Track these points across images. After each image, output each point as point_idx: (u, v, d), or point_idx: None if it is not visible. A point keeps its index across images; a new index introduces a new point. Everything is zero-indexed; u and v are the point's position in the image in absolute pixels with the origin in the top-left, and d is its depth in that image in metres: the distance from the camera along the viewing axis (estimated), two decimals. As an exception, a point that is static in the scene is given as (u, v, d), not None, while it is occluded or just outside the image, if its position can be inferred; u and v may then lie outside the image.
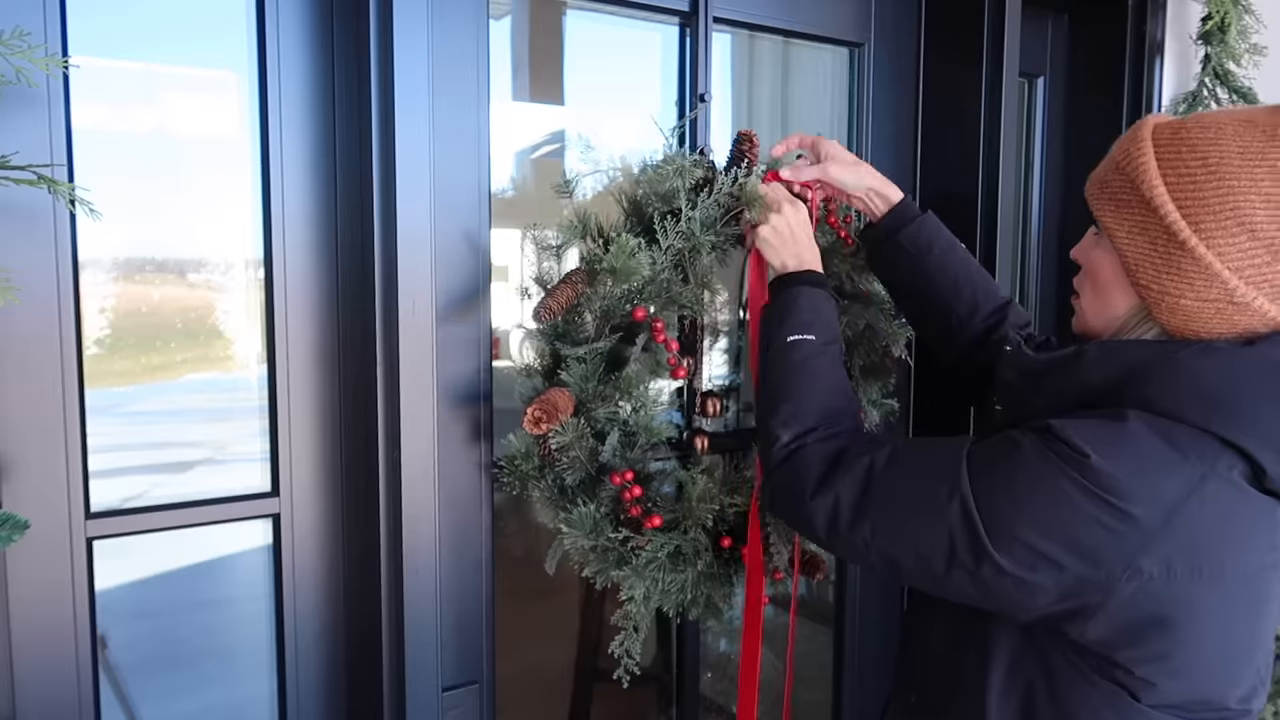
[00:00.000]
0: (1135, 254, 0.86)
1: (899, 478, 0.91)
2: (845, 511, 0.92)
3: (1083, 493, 0.79)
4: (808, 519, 0.96)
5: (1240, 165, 0.80)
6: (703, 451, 1.38)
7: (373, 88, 1.15)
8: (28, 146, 1.05)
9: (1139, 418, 0.80)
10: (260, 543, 1.31)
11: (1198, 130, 0.84)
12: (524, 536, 1.59)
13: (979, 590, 0.85)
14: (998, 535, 0.81)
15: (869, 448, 0.95)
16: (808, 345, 1.08)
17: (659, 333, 1.26)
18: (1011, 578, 0.81)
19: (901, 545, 0.89)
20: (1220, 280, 0.81)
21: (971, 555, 0.83)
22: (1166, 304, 0.85)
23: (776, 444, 1.03)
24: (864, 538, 0.91)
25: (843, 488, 0.93)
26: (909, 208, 1.26)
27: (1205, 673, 0.84)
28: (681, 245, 1.21)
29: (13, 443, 1.08)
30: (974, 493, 0.83)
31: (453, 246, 1.27)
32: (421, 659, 1.23)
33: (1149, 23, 1.86)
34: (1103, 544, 0.78)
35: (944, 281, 1.25)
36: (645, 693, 1.80)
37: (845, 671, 1.79)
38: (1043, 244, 2.00)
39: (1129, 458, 0.79)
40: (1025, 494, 0.81)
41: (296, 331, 1.26)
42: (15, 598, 1.10)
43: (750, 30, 1.59)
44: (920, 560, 0.87)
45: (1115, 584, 0.79)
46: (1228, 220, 0.80)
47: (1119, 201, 0.88)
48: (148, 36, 1.18)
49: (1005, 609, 0.86)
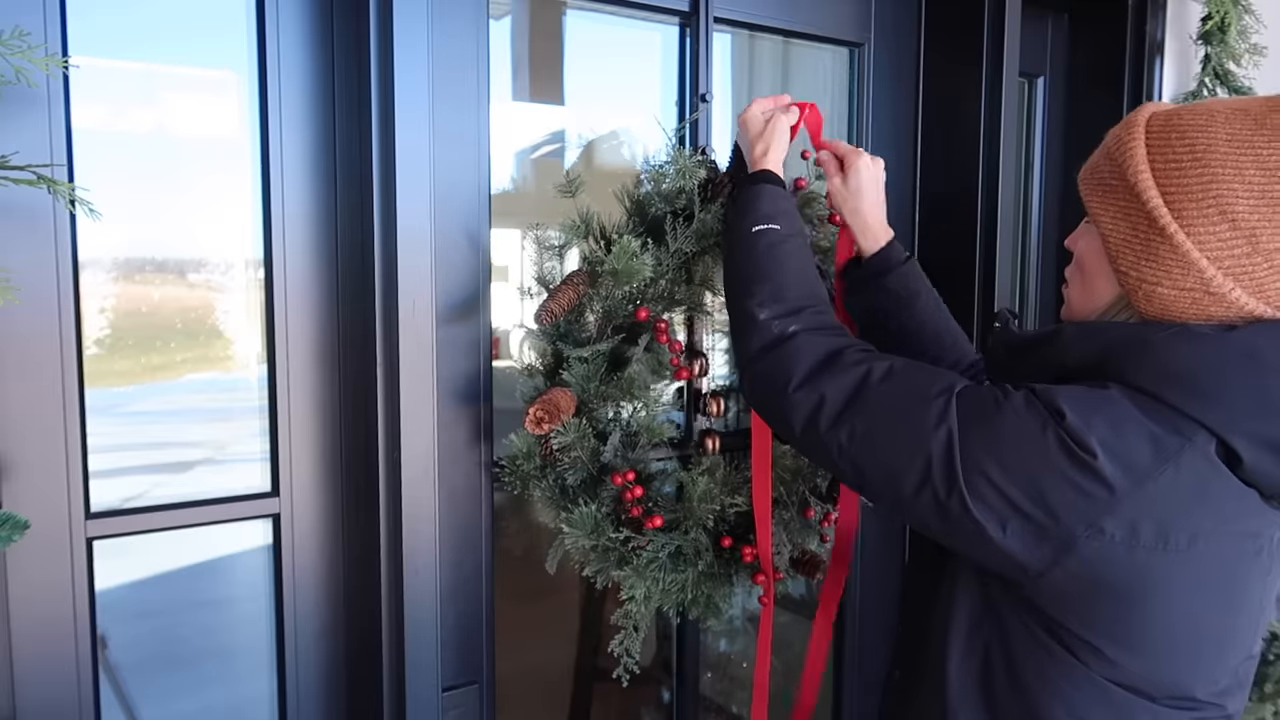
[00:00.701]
0: (1117, 240, 0.86)
1: (890, 394, 0.90)
2: (828, 412, 0.91)
3: (1058, 446, 0.78)
4: (785, 410, 0.95)
5: (1226, 152, 0.79)
6: (714, 451, 1.38)
7: (373, 88, 1.15)
8: (28, 146, 1.05)
9: (1120, 389, 0.81)
10: (260, 543, 1.31)
11: (1190, 117, 0.83)
12: (524, 536, 1.59)
13: (941, 520, 0.85)
14: (970, 473, 0.82)
15: (866, 357, 0.95)
16: (773, 233, 1.07)
17: (662, 333, 1.26)
18: (973, 516, 0.81)
19: (877, 457, 0.88)
20: (1197, 269, 0.80)
21: (944, 485, 0.83)
22: (1144, 291, 0.84)
23: (757, 321, 1.01)
24: (839, 441, 0.90)
25: (830, 387, 0.92)
26: (900, 250, 1.23)
27: (1167, 655, 0.84)
28: (691, 249, 1.22)
29: (13, 443, 1.08)
30: (959, 427, 0.84)
31: (453, 246, 1.27)
32: (421, 659, 1.23)
33: (1149, 23, 1.86)
34: (1068, 500, 0.78)
35: (926, 333, 1.22)
36: (645, 692, 1.80)
37: (845, 671, 1.79)
38: (1043, 244, 2.00)
39: (1106, 421, 0.78)
40: (1004, 439, 0.81)
41: (296, 331, 1.26)
42: (15, 598, 1.10)
43: (750, 30, 1.59)
44: (890, 477, 0.87)
45: (1075, 541, 0.78)
46: (1209, 208, 0.79)
47: (1107, 187, 0.88)
48: (148, 36, 1.18)
49: (964, 547, 0.86)
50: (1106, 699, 0.85)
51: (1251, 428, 0.77)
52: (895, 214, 1.70)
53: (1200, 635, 0.84)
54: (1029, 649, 0.87)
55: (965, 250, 1.62)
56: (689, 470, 1.31)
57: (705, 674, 1.76)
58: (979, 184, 1.60)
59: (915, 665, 1.01)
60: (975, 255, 1.61)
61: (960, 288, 1.52)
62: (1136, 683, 0.85)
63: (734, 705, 1.93)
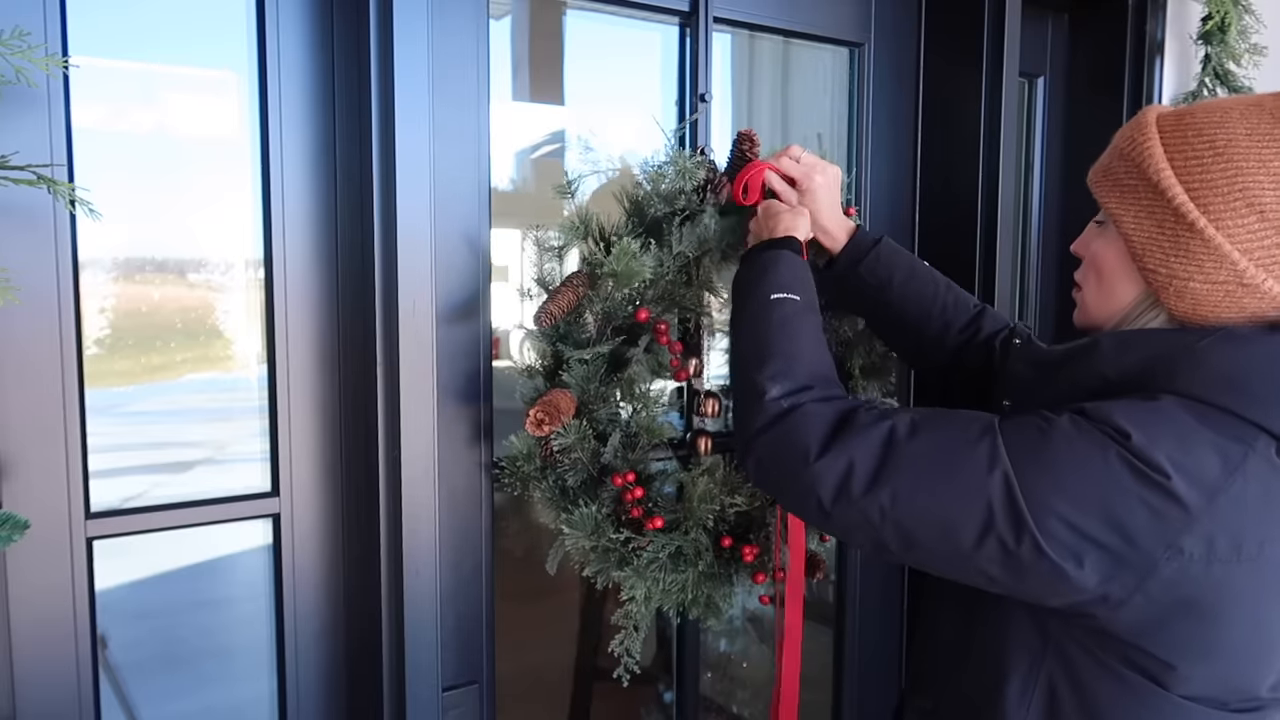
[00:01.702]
0: (1142, 238, 0.85)
1: (928, 446, 0.84)
2: (860, 476, 0.83)
3: (1128, 470, 0.76)
4: (809, 483, 0.86)
5: (1248, 146, 0.80)
6: (706, 452, 1.38)
7: (373, 88, 1.15)
8: (28, 146, 1.05)
9: (1172, 399, 0.78)
10: (260, 543, 1.31)
11: (1203, 115, 0.83)
12: (524, 536, 1.59)
13: (1008, 570, 0.79)
14: (1038, 511, 0.77)
15: (884, 414, 0.88)
16: (790, 304, 1.02)
17: (662, 335, 1.26)
18: (1049, 558, 0.77)
19: (926, 515, 0.81)
20: (1230, 261, 0.80)
21: (1012, 531, 0.77)
22: (1175, 288, 0.83)
23: (765, 398, 0.93)
24: (881, 505, 0.82)
25: (858, 450, 0.85)
26: (864, 239, 1.24)
27: (1236, 659, 0.82)
28: (693, 252, 1.22)
29: (13, 442, 1.08)
30: (1013, 466, 0.79)
31: (453, 246, 1.27)
32: (421, 659, 1.23)
33: (1149, 23, 1.86)
34: (1145, 524, 0.75)
35: (910, 309, 1.22)
36: (645, 692, 1.80)
37: (845, 671, 1.79)
38: (1043, 244, 2.00)
39: (1171, 437, 0.76)
40: (1066, 471, 0.77)
41: (296, 331, 1.26)
42: (15, 598, 1.10)
43: (750, 30, 1.59)
44: (946, 533, 0.81)
45: (1156, 565, 0.76)
46: (1236, 201, 0.79)
47: (1124, 187, 0.87)
48: (148, 36, 1.18)
49: (1031, 592, 0.81)
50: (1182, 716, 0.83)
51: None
52: (895, 214, 1.72)
53: (1266, 636, 0.83)
54: (1099, 678, 0.84)
55: (965, 250, 1.62)
56: (689, 471, 1.31)
57: (705, 674, 1.76)
58: (979, 184, 1.60)
59: (956, 698, 0.97)
60: (975, 255, 1.61)
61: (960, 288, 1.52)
62: (1211, 693, 0.83)
63: (734, 705, 1.93)
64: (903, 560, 0.89)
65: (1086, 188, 0.95)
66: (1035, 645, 0.87)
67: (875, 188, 1.69)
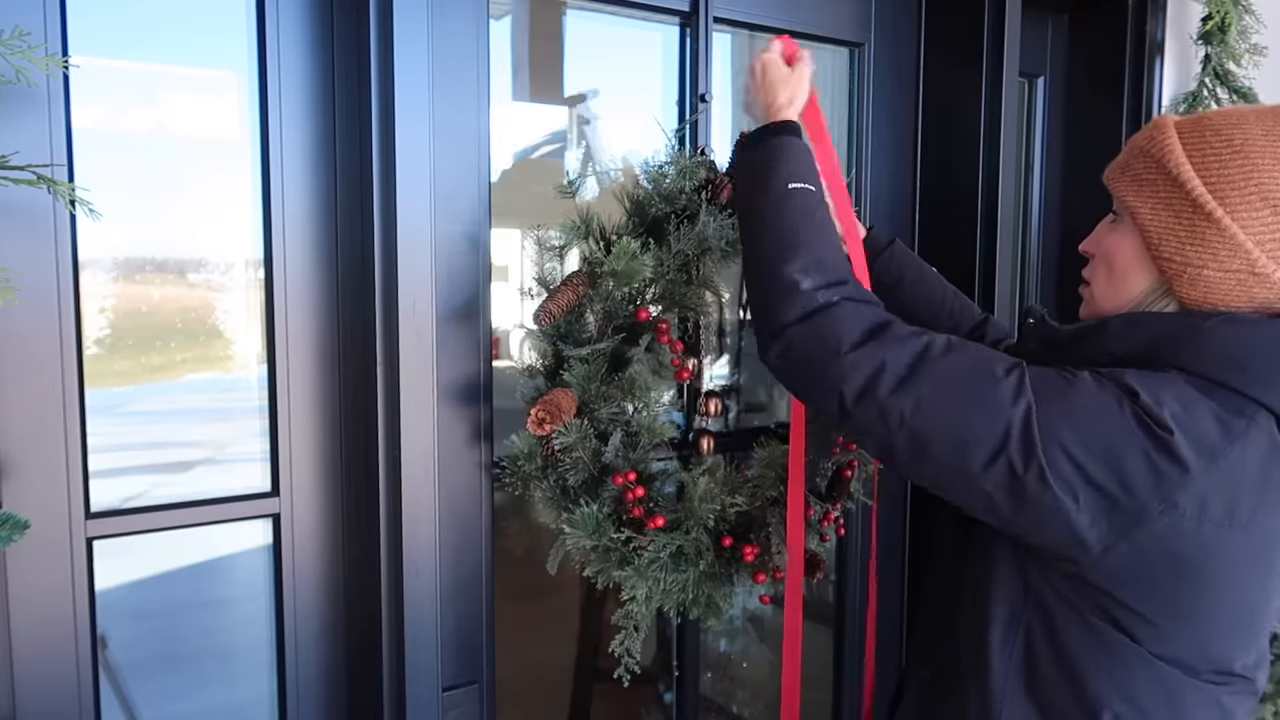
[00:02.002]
0: (1159, 228, 0.89)
1: (959, 366, 0.87)
2: (890, 376, 0.85)
3: (1137, 422, 0.80)
4: (839, 375, 0.87)
5: (1265, 145, 0.84)
6: (708, 452, 1.38)
7: (373, 88, 1.15)
8: (28, 146, 1.05)
9: (1177, 374, 0.83)
10: (260, 543, 1.31)
11: (1220, 119, 0.88)
12: (524, 536, 1.59)
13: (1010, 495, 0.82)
14: (1049, 444, 0.81)
15: (922, 331, 0.91)
16: (808, 195, 0.99)
17: (663, 334, 1.26)
18: (1051, 489, 0.80)
19: (945, 427, 0.84)
20: (1244, 250, 0.84)
21: (1022, 457, 0.81)
22: (1189, 275, 0.87)
23: (799, 289, 0.92)
24: (902, 410, 0.85)
25: (891, 353, 0.87)
26: (879, 238, 1.26)
27: (1213, 624, 0.85)
28: (692, 251, 1.22)
29: (13, 443, 1.08)
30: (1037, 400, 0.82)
31: (453, 246, 1.27)
32: (421, 659, 1.23)
33: (1149, 23, 1.86)
34: (1144, 475, 0.79)
35: (920, 309, 1.25)
36: (645, 692, 1.80)
37: (845, 671, 1.79)
38: (1043, 244, 2.00)
39: (1177, 402, 0.80)
40: (1083, 415, 0.81)
41: (296, 331, 1.26)
42: (15, 598, 1.10)
43: (750, 30, 1.59)
44: (959, 448, 0.83)
45: (1149, 515, 0.80)
46: (1251, 195, 0.84)
47: (1142, 181, 0.91)
48: (148, 36, 1.18)
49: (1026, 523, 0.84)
50: (1153, 675, 0.86)
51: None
52: (895, 214, 1.72)
53: (1244, 607, 0.87)
54: (1076, 631, 0.88)
55: (965, 250, 1.62)
56: (690, 470, 1.31)
57: (705, 674, 1.76)
58: (979, 184, 1.61)
59: (950, 662, 1.00)
60: (975, 255, 1.61)
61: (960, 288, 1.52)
62: (1183, 656, 0.86)
63: (734, 705, 1.93)
64: (906, 470, 0.90)
65: (1086, 188, 0.97)
66: (1017, 595, 0.91)
67: (875, 188, 1.69)
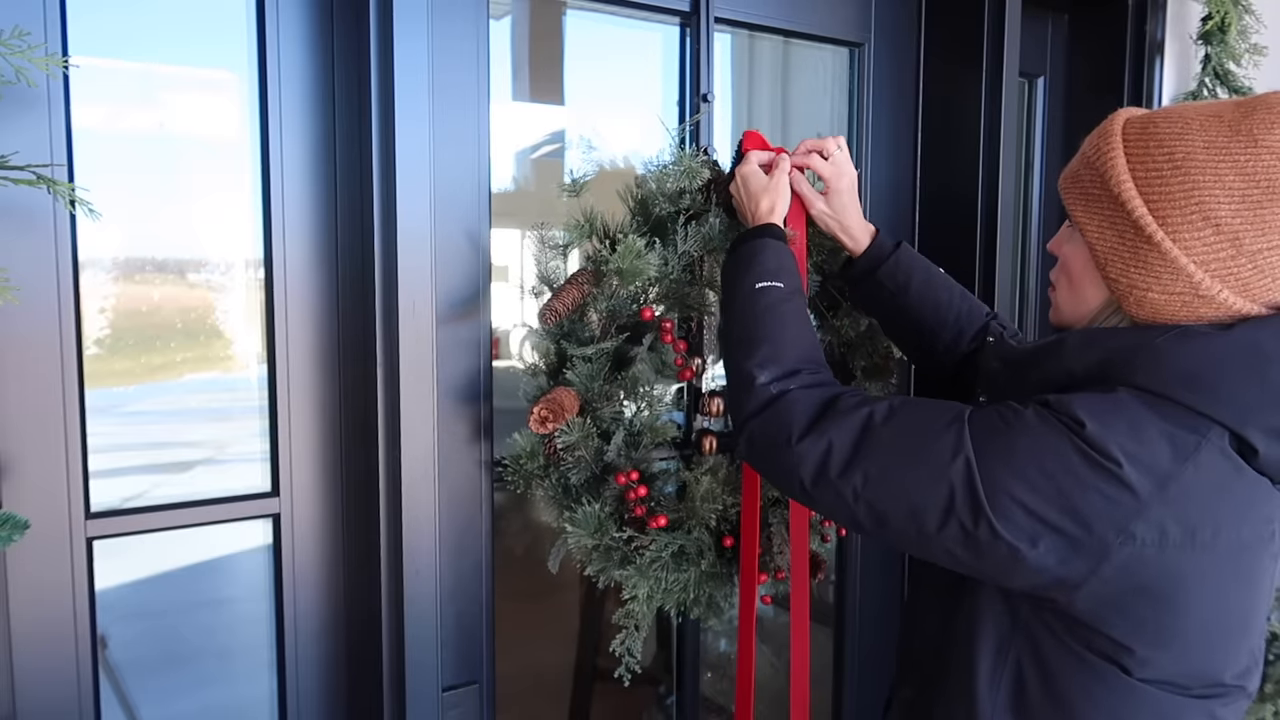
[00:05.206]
0: (1104, 248, 0.88)
1: (900, 431, 0.89)
2: (837, 458, 0.89)
3: (1081, 458, 0.79)
4: (792, 464, 0.92)
5: (1205, 160, 0.81)
6: (710, 451, 1.38)
7: (373, 88, 1.15)
8: (28, 146, 1.05)
9: (1128, 392, 0.82)
10: (260, 543, 1.31)
11: (1165, 124, 0.85)
12: (524, 535, 1.59)
13: (969, 552, 0.83)
14: (995, 496, 0.81)
15: (864, 400, 0.93)
16: (776, 291, 1.06)
17: (667, 333, 1.26)
18: (1005, 540, 0.81)
19: (895, 497, 0.86)
20: (1186, 274, 0.82)
21: (970, 514, 0.82)
22: (1134, 297, 0.86)
23: (755, 384, 0.99)
24: (854, 486, 0.88)
25: (836, 434, 0.90)
26: (884, 244, 1.26)
27: (1195, 644, 0.85)
28: (697, 251, 1.22)
29: (13, 443, 1.08)
30: (975, 454, 0.83)
31: (453, 246, 1.27)
32: (421, 659, 1.23)
33: (1149, 23, 1.86)
34: (1098, 510, 0.79)
35: (925, 313, 1.25)
36: (645, 692, 1.80)
37: (845, 671, 1.79)
38: (1043, 244, 2.00)
39: (1125, 426, 0.79)
40: (1024, 458, 0.81)
41: (296, 331, 1.26)
42: (15, 598, 1.10)
43: (750, 30, 1.59)
44: (912, 514, 0.85)
45: (1109, 550, 0.79)
46: (1193, 214, 0.82)
47: (1089, 196, 0.90)
48: (148, 36, 1.18)
49: (994, 574, 0.85)
50: (1143, 699, 0.85)
51: (1263, 420, 0.79)
52: (895, 214, 1.72)
53: (1227, 622, 0.86)
54: (1064, 662, 0.87)
55: (965, 250, 1.62)
56: (692, 470, 1.31)
57: (705, 674, 1.76)
58: (979, 184, 1.60)
59: (932, 685, 1.00)
60: (975, 255, 1.61)
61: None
62: (1172, 678, 0.85)
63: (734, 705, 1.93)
64: (877, 539, 0.94)
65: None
66: (1005, 629, 0.90)
67: (875, 188, 1.69)
